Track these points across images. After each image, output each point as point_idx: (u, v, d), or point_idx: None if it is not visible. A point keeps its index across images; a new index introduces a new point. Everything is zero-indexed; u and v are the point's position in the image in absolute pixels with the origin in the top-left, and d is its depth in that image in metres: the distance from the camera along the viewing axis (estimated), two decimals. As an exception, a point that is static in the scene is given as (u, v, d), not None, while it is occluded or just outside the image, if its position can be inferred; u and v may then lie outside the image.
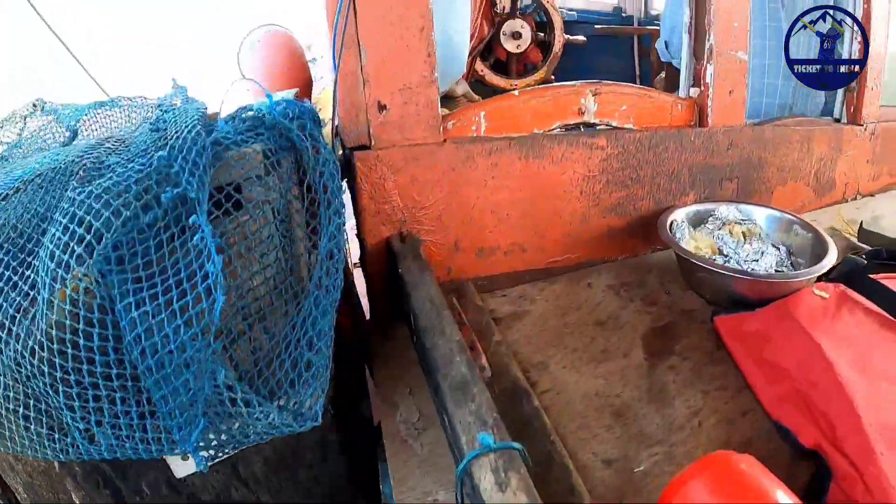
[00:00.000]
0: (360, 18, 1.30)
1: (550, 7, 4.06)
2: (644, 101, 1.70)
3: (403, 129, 1.41)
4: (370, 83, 1.36)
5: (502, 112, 1.54)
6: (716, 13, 1.65)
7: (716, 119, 1.75)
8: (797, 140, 1.95)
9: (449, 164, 1.46)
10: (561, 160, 1.56)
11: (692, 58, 1.76)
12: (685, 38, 1.74)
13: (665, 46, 2.48)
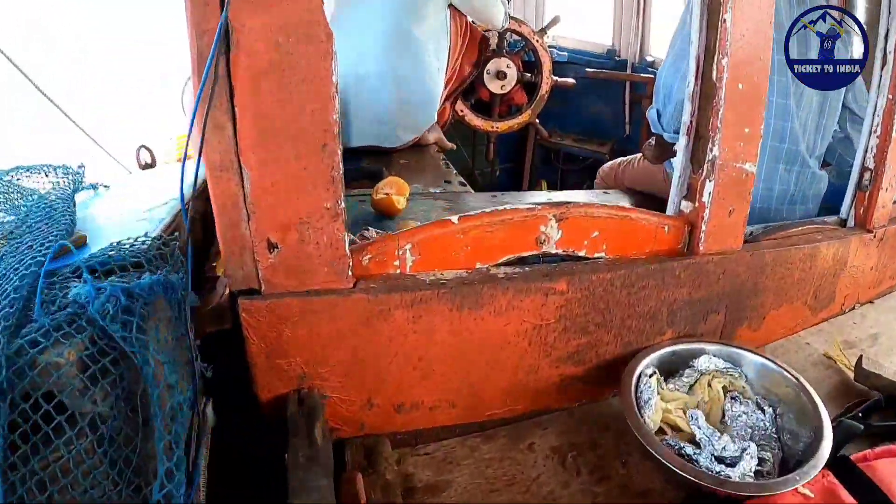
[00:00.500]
0: (240, 131, 0.95)
1: (539, 46, 3.73)
2: (622, 225, 1.36)
3: (301, 273, 1.07)
4: (255, 215, 1.01)
5: (435, 244, 1.20)
6: (724, 118, 1.31)
7: (709, 244, 1.42)
8: (800, 259, 1.63)
9: (359, 317, 1.11)
10: (505, 310, 1.21)
11: (688, 164, 1.42)
12: (682, 140, 1.40)
13: (657, 117, 2.15)
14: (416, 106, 2.70)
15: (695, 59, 1.32)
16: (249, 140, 0.96)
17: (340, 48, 2.47)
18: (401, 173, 2.49)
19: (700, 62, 1.32)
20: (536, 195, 2.36)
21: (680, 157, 1.41)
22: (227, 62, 0.91)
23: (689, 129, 1.38)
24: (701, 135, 1.36)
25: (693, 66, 1.33)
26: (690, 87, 1.35)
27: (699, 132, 1.36)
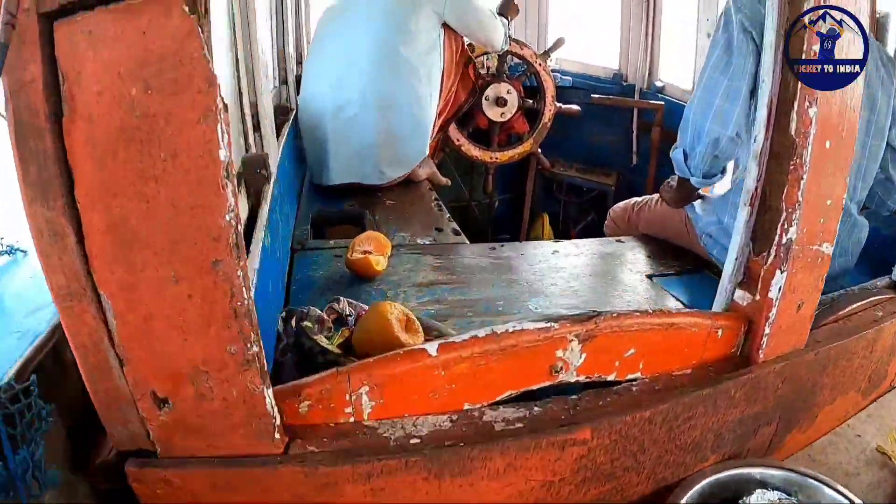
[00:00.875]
0: (89, 241, 0.60)
1: (542, 70, 3.39)
2: (665, 337, 1.00)
3: (207, 436, 0.71)
4: (130, 362, 0.65)
5: (404, 384, 0.83)
6: (807, 187, 0.96)
7: (771, 347, 1.07)
8: (862, 347, 1.30)
9: (294, 495, 0.75)
10: (504, 472, 0.84)
11: (748, 243, 1.06)
12: (743, 213, 1.05)
13: (683, 158, 1.82)
14: (404, 138, 2.34)
15: (766, 107, 0.96)
16: (104, 255, 0.60)
17: (319, 73, 2.14)
18: (387, 217, 2.14)
19: (772, 111, 0.96)
20: (542, 246, 2.00)
21: (738, 233, 1.06)
22: (58, 133, 0.56)
23: (752, 199, 1.02)
24: (770, 207, 1.00)
25: (763, 116, 0.97)
26: (758, 142, 0.99)
27: (767, 203, 1.01)
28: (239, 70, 1.47)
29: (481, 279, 1.71)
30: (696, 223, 1.91)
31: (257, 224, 1.33)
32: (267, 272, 1.31)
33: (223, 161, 0.60)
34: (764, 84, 0.96)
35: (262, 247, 1.26)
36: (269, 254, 1.36)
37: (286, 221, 1.82)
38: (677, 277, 1.86)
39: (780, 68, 0.94)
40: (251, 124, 1.55)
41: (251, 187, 1.41)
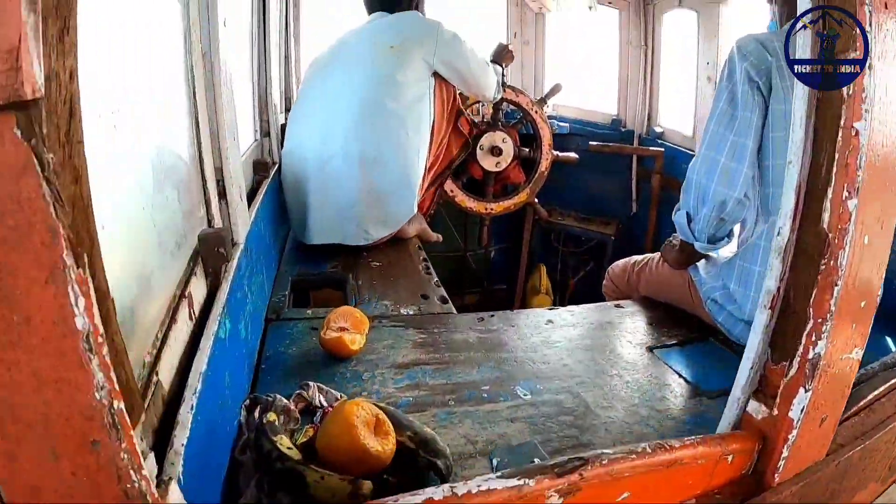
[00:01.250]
0: None
1: (539, 118, 3.28)
2: (667, 476, 0.84)
3: None
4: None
5: None
6: (842, 294, 0.82)
7: (789, 468, 0.92)
8: (885, 442, 1.17)
9: None
10: None
11: (766, 350, 0.91)
12: (761, 316, 0.90)
13: (686, 221, 1.69)
14: (389, 196, 2.20)
15: (793, 192, 0.82)
16: None
17: (302, 126, 2.01)
18: (370, 282, 2.00)
19: (800, 198, 0.82)
20: (534, 315, 1.85)
21: (755, 338, 0.91)
22: None
23: (773, 301, 0.87)
24: (794, 311, 0.85)
25: (789, 204, 0.83)
26: (783, 235, 0.85)
27: (791, 306, 0.86)
28: (199, 134, 1.34)
29: (467, 358, 1.55)
30: (700, 287, 1.77)
31: (213, 309, 1.18)
32: (223, 361, 1.16)
33: (81, 331, 0.46)
34: (791, 166, 0.82)
35: (215, 335, 1.11)
36: (227, 339, 1.21)
37: (259, 290, 1.68)
38: (681, 348, 1.71)
39: (812, 145, 0.80)
40: (215, 192, 1.41)
41: (209, 266, 1.27)
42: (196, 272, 1.22)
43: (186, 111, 1.32)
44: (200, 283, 1.24)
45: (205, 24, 1.38)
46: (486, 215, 3.35)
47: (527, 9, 3.85)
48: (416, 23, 2.27)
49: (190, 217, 1.28)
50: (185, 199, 1.25)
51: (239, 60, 2.23)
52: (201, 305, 1.21)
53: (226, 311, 1.21)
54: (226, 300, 1.22)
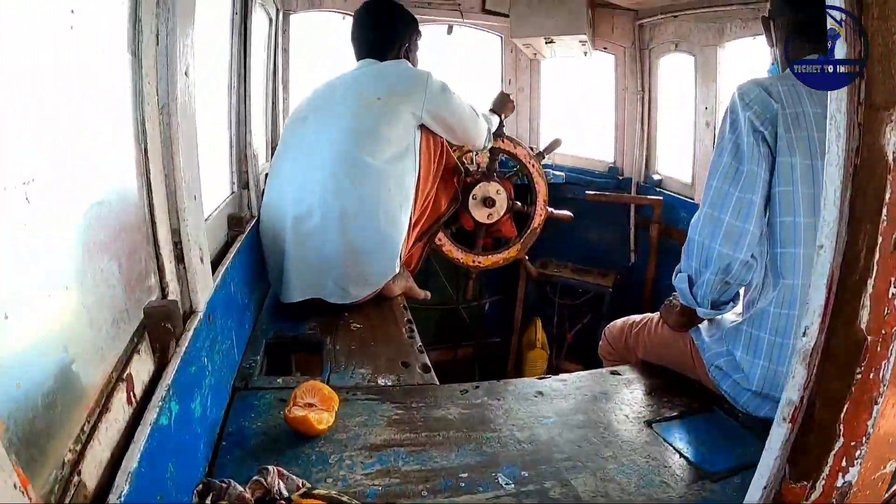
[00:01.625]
0: None
1: (535, 171, 3.19)
2: None
3: None
4: None
5: None
6: (884, 409, 0.70)
7: None
8: None
9: None
10: None
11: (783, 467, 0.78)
12: (779, 430, 0.76)
13: (688, 285, 1.57)
14: (369, 254, 2.09)
15: (824, 283, 0.69)
16: None
17: (281, 179, 1.89)
18: (348, 347, 1.88)
19: (833, 290, 0.69)
20: (523, 386, 1.70)
21: (770, 455, 0.77)
22: None
23: (793, 413, 0.74)
24: (821, 427, 0.72)
25: (819, 299, 0.70)
26: (810, 337, 0.71)
27: (817, 421, 0.72)
28: (151, 195, 1.23)
29: (446, 438, 1.42)
30: (702, 352, 1.64)
31: (156, 393, 1.06)
32: (166, 450, 1.04)
33: None
34: (824, 252, 0.69)
35: (154, 424, 0.99)
36: (173, 424, 1.09)
37: (224, 358, 1.55)
38: (681, 421, 1.57)
39: (847, 226, 0.68)
40: (171, 257, 1.30)
41: (156, 342, 1.15)
42: (140, 350, 1.10)
43: (136, 171, 1.21)
44: (146, 362, 1.12)
45: (162, 75, 1.29)
46: (473, 268, 3.23)
47: (521, 55, 3.79)
48: (405, 74, 2.19)
49: (135, 288, 1.16)
50: (129, 269, 1.14)
51: (215, 109, 2.14)
52: (145, 386, 1.09)
53: (172, 392, 1.09)
54: (172, 381, 1.10)
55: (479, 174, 3.14)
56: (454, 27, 3.63)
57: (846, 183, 0.68)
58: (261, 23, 2.79)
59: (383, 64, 2.21)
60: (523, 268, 3.46)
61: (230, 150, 2.21)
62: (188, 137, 1.37)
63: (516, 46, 3.71)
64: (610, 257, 3.75)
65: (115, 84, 1.15)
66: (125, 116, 1.19)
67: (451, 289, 3.63)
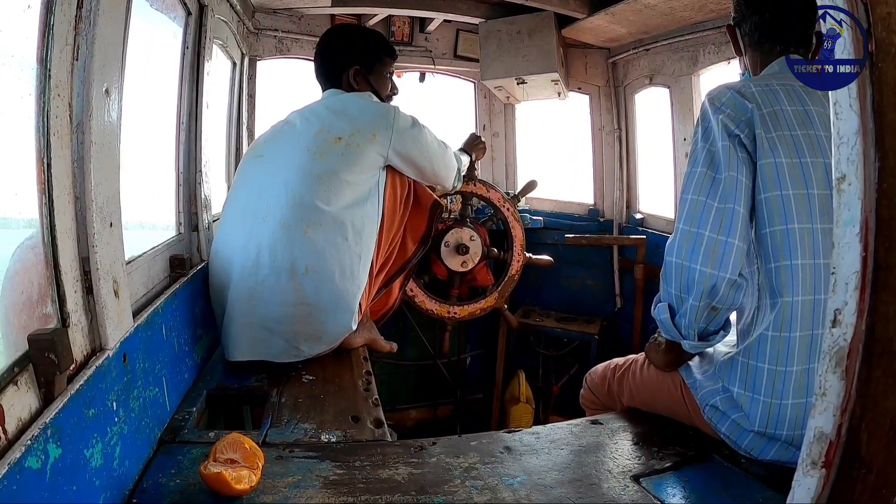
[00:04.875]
0: None
1: (510, 216, 3.09)
2: None
3: None
4: None
5: None
6: None
7: None
8: None
9: None
10: None
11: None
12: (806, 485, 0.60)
13: (669, 315, 1.42)
14: (323, 311, 1.90)
15: (856, 245, 0.52)
16: None
17: (229, 226, 1.73)
18: (295, 400, 1.72)
19: (868, 254, 0.52)
20: (489, 441, 1.52)
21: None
22: None
23: (829, 454, 0.56)
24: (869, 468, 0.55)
25: (850, 268, 0.53)
26: (843, 328, 0.54)
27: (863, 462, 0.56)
28: (53, 218, 1.11)
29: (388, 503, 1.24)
30: (695, 392, 1.47)
31: (29, 430, 0.91)
32: (33, 497, 0.89)
33: None
34: (847, 185, 0.52)
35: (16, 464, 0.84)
36: (50, 470, 0.94)
37: (148, 407, 1.40)
38: (675, 473, 1.37)
39: (875, 141, 0.50)
40: (79, 287, 1.17)
41: (41, 375, 1.00)
42: (20, 382, 0.96)
43: (36, 188, 1.09)
44: (26, 397, 0.97)
45: (78, 91, 1.18)
46: (448, 320, 3.08)
47: (495, 100, 3.77)
48: (370, 110, 2.02)
49: (21, 313, 1.02)
50: (13, 290, 1.01)
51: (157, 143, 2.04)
52: (22, 424, 0.94)
53: (52, 434, 0.94)
54: (53, 420, 0.95)
55: (451, 220, 3.04)
56: (426, 74, 3.61)
57: (870, 205, 0.52)
58: (222, 66, 2.74)
59: (347, 97, 2.07)
60: (503, 318, 3.32)
61: (177, 190, 2.09)
62: (107, 161, 1.26)
63: (490, 91, 3.68)
64: (594, 303, 3.64)
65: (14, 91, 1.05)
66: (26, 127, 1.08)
67: (428, 343, 3.46)
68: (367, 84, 2.15)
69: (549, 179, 3.68)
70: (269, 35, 3.13)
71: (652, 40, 3.05)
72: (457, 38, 3.57)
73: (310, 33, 3.19)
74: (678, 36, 2.86)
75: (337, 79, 2.12)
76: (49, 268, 1.11)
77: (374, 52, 2.18)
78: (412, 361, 3.45)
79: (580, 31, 3.24)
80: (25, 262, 1.06)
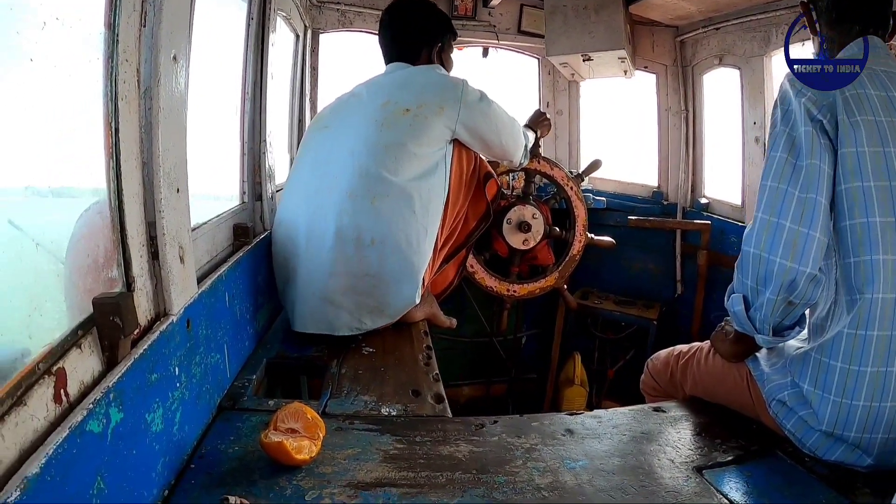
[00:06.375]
0: None
1: (574, 196, 3.00)
2: None
3: None
4: None
5: None
6: None
7: None
8: None
9: None
10: None
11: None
12: None
13: (744, 308, 1.33)
14: (388, 283, 1.86)
15: None
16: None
17: (295, 197, 1.64)
18: (356, 371, 1.70)
19: None
20: (550, 422, 1.46)
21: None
22: None
23: None
24: None
25: None
26: None
27: None
28: (120, 181, 1.08)
29: (450, 480, 1.19)
30: (762, 385, 1.39)
31: (92, 393, 0.89)
32: (94, 461, 0.87)
33: None
34: None
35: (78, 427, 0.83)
36: (111, 434, 0.92)
37: (209, 373, 1.39)
38: (737, 467, 1.30)
39: None
40: (145, 251, 1.15)
41: (105, 340, 0.99)
42: (83, 345, 0.94)
43: (104, 152, 1.07)
44: (89, 360, 0.95)
45: (146, 57, 1.16)
46: (507, 298, 3.02)
47: (559, 77, 3.64)
48: (439, 83, 1.96)
49: (87, 276, 1.01)
50: (79, 252, 0.99)
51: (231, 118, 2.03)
52: (84, 387, 0.93)
53: (114, 398, 0.93)
54: (116, 384, 0.94)
55: (513, 197, 2.96)
56: (490, 50, 3.52)
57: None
58: (286, 38, 2.71)
59: (414, 69, 2.02)
60: (562, 298, 3.24)
61: (242, 159, 2.08)
62: (174, 127, 1.24)
63: (554, 68, 3.57)
64: (654, 288, 3.52)
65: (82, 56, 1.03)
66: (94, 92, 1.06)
67: (485, 321, 3.41)
68: (440, 61, 2.11)
69: (612, 160, 3.55)
70: (332, 8, 3.09)
71: (722, 19, 2.90)
72: (521, 13, 3.45)
73: (372, 6, 3.13)
74: (750, 15, 2.71)
75: (412, 53, 2.07)
76: (115, 232, 1.09)
77: (448, 29, 2.16)
78: (468, 338, 3.39)
79: (648, 8, 3.10)
80: (92, 227, 1.04)
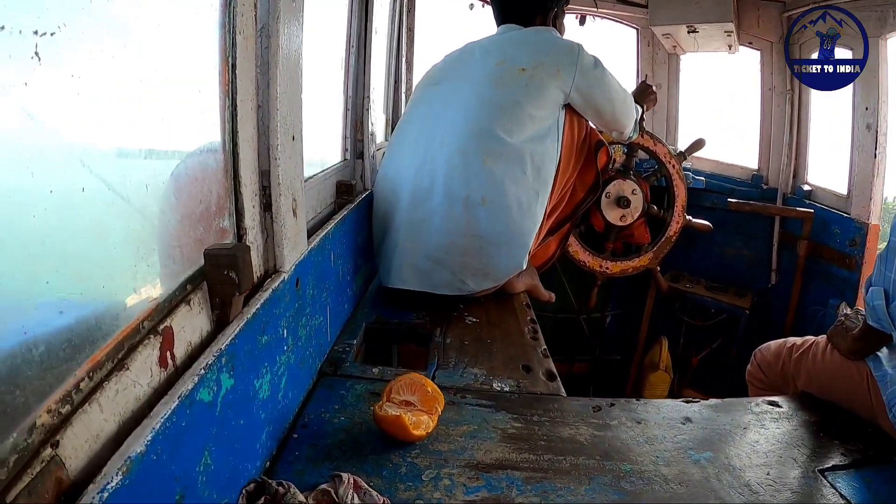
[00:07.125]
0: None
1: (675, 174, 2.75)
2: None
3: None
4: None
5: None
6: None
7: None
8: None
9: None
10: None
11: None
12: None
13: (884, 302, 1.12)
14: (496, 245, 1.71)
15: None
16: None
17: (401, 152, 1.60)
18: (462, 342, 1.54)
19: None
20: (667, 409, 1.28)
21: None
22: None
23: None
24: None
25: None
26: None
27: None
28: (235, 125, 0.94)
29: (575, 466, 1.03)
30: (883, 387, 1.21)
31: (201, 358, 0.75)
32: (202, 432, 0.73)
33: None
34: None
35: (187, 397, 0.68)
36: (220, 402, 0.78)
37: (312, 336, 1.25)
38: (857, 471, 1.12)
39: None
40: (257, 202, 1.01)
41: (216, 297, 0.84)
42: (192, 301, 0.80)
43: (219, 89, 0.92)
44: (198, 318, 0.81)
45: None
46: (599, 274, 2.81)
47: (659, 49, 3.35)
48: (555, 45, 1.80)
49: (197, 224, 0.86)
50: (190, 197, 0.85)
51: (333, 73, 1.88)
52: (192, 349, 0.79)
53: (226, 362, 0.78)
54: (228, 347, 0.79)
55: (613, 171, 2.74)
56: (587, 18, 3.26)
57: None
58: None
59: (529, 30, 1.85)
60: (653, 280, 3.00)
61: (345, 115, 1.94)
62: (291, 70, 1.08)
63: (654, 40, 3.29)
64: (747, 275, 3.25)
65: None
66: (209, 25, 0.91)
67: (573, 296, 3.20)
68: (554, 26, 1.94)
69: (711, 138, 3.27)
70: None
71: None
72: (623, -20, 3.20)
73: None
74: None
75: (528, 15, 1.89)
76: (228, 178, 0.95)
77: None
78: (552, 313, 3.19)
79: (755, -20, 2.81)
80: (205, 169, 0.89)
